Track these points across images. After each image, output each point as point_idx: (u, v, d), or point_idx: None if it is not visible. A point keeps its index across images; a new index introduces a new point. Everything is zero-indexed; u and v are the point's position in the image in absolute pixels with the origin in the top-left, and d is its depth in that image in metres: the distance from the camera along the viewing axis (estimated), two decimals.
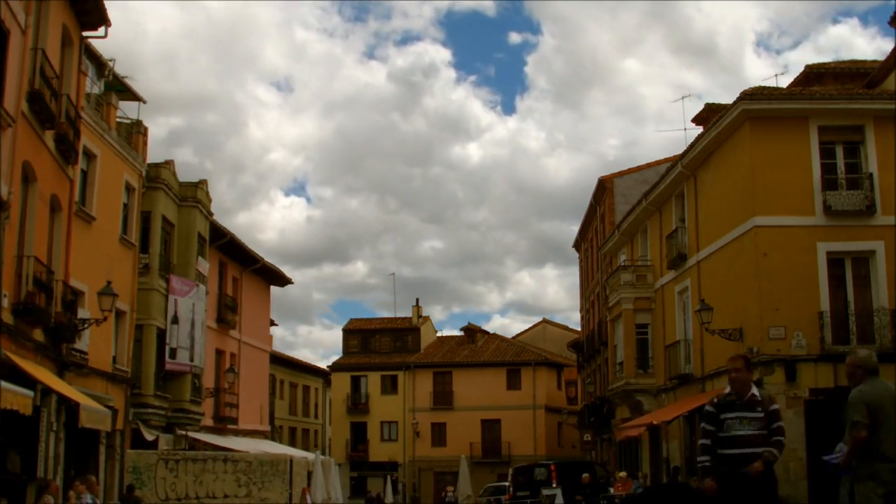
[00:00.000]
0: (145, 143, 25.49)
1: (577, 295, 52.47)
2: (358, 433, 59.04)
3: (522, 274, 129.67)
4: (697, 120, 29.31)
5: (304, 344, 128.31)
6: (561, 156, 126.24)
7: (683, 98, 61.06)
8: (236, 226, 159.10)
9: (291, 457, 25.06)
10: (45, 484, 15.73)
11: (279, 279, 40.64)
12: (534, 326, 68.17)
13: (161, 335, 26.30)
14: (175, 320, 26.79)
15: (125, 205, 24.14)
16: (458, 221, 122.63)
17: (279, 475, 23.05)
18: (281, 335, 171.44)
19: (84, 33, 20.09)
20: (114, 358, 23.17)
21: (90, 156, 21.51)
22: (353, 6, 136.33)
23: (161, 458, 21.69)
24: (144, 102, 26.77)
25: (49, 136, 17.54)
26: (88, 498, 16.07)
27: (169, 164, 27.54)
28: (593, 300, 44.11)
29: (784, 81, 27.06)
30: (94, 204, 21.47)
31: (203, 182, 29.79)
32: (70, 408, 17.63)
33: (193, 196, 28.71)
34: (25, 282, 16.28)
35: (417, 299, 79.51)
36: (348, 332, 62.58)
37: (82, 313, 19.99)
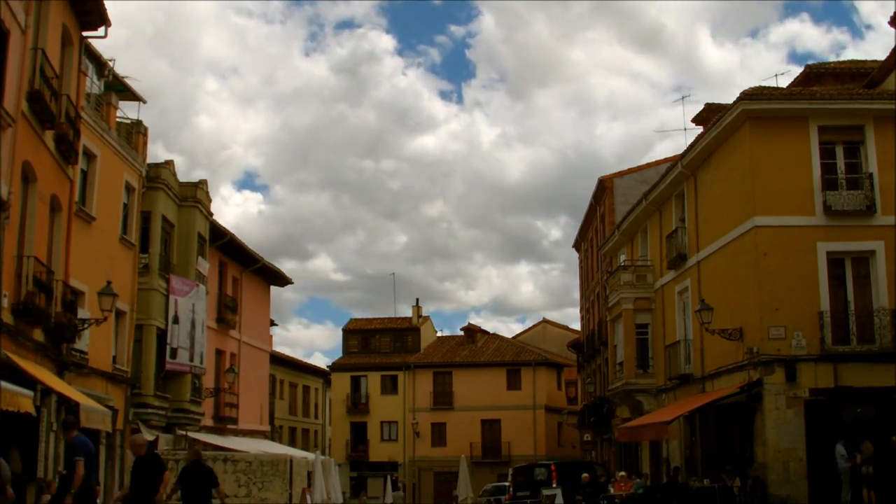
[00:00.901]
0: (145, 143, 25.50)
1: (554, 293, 52.42)
2: (358, 433, 59.04)
3: (490, 270, 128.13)
4: (697, 120, 29.30)
5: (282, 342, 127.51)
6: (514, 148, 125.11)
7: (683, 98, 61.15)
8: None
9: (291, 457, 25.04)
10: (45, 484, 15.72)
11: (279, 279, 40.67)
12: (534, 326, 68.20)
13: (161, 335, 26.30)
14: (175, 320, 26.80)
15: (125, 205, 24.14)
16: (417, 216, 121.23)
17: (279, 475, 23.04)
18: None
19: (84, 33, 20.09)
20: (114, 358, 23.17)
21: (90, 156, 21.51)
22: None
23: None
24: (144, 102, 26.81)
25: (49, 136, 17.54)
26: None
27: (169, 165, 27.55)
28: (593, 300, 44.11)
29: (784, 81, 27.06)
30: (94, 204, 21.47)
31: (203, 182, 29.81)
32: (70, 408, 17.62)
33: (193, 196, 28.73)
34: (25, 282, 16.28)
35: (417, 299, 79.63)
36: (348, 332, 62.61)
37: (82, 313, 19.99)
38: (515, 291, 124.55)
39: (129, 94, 26.00)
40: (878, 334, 20.41)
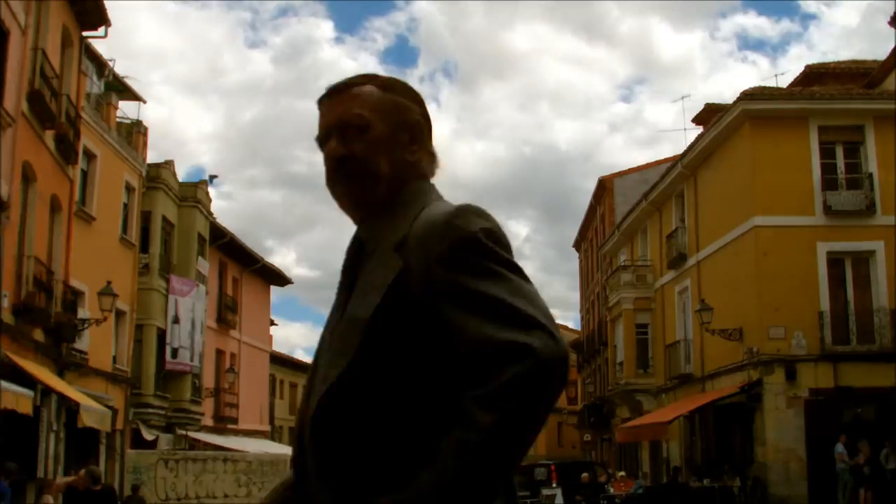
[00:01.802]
0: (145, 144, 25.51)
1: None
2: None
3: None
4: (697, 120, 29.30)
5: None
6: (466, 140, 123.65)
7: (683, 98, 61.15)
8: None
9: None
10: (46, 484, 15.71)
11: (279, 279, 40.64)
12: None
13: (161, 335, 26.29)
14: (176, 320, 26.80)
15: (125, 205, 24.14)
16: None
17: (279, 475, 23.02)
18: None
19: (84, 33, 20.11)
20: (114, 358, 23.17)
21: (90, 156, 21.50)
22: None
23: (161, 458, 21.66)
24: (144, 102, 26.88)
25: (49, 136, 17.54)
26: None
27: (169, 165, 27.54)
28: (593, 300, 44.11)
29: (784, 81, 27.05)
30: (94, 204, 21.47)
31: (203, 182, 29.80)
32: (70, 408, 17.63)
33: (193, 196, 28.72)
34: (25, 282, 16.29)
35: None
36: None
37: (82, 313, 19.99)
38: None
39: (129, 94, 26.01)
40: (878, 334, 20.41)
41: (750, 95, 21.63)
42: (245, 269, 36.22)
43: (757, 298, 20.86)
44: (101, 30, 20.25)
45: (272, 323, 43.54)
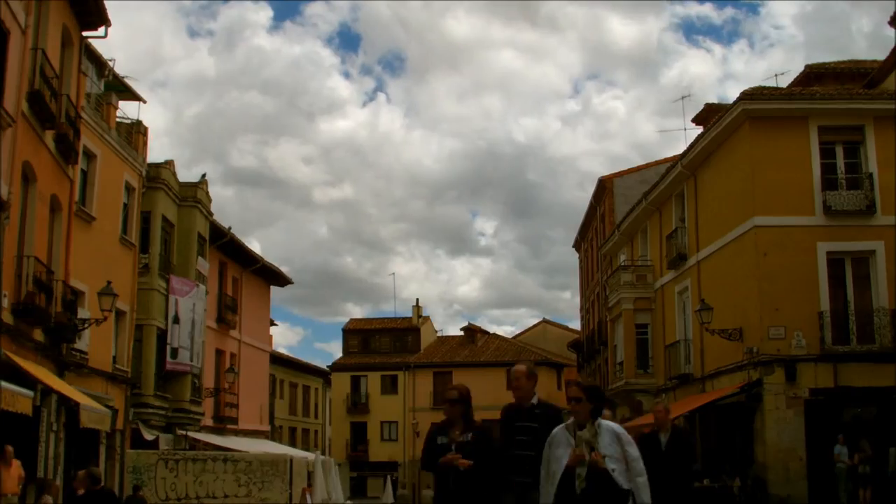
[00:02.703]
0: (145, 143, 25.49)
1: (494, 288, 52.18)
2: (358, 433, 59.03)
3: (419, 264, 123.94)
4: (697, 120, 29.32)
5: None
6: (418, 133, 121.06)
7: (683, 98, 61.04)
8: None
9: (291, 457, 25.01)
10: (46, 484, 15.71)
11: (279, 279, 40.65)
12: (534, 326, 68.23)
13: (161, 335, 26.29)
14: (176, 320, 26.80)
15: (125, 205, 24.13)
16: (332, 205, 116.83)
17: (279, 475, 23.02)
18: None
19: (84, 33, 20.09)
20: (114, 358, 23.16)
21: (90, 156, 21.50)
22: None
23: (161, 458, 21.66)
24: (144, 102, 26.85)
25: (49, 136, 17.53)
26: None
27: (169, 165, 27.54)
28: (593, 300, 44.11)
29: (784, 81, 27.06)
30: (94, 204, 21.46)
31: (203, 182, 29.80)
32: (70, 408, 17.63)
33: (193, 196, 28.72)
34: (25, 282, 16.28)
35: (417, 299, 79.61)
36: (348, 332, 62.63)
37: (82, 313, 19.98)
38: (452, 287, 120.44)
39: (129, 94, 26.01)
40: (878, 334, 20.42)
41: (750, 95, 21.64)
42: (245, 269, 36.24)
43: (757, 298, 20.87)
44: (101, 30, 20.24)
45: (272, 323, 43.56)
